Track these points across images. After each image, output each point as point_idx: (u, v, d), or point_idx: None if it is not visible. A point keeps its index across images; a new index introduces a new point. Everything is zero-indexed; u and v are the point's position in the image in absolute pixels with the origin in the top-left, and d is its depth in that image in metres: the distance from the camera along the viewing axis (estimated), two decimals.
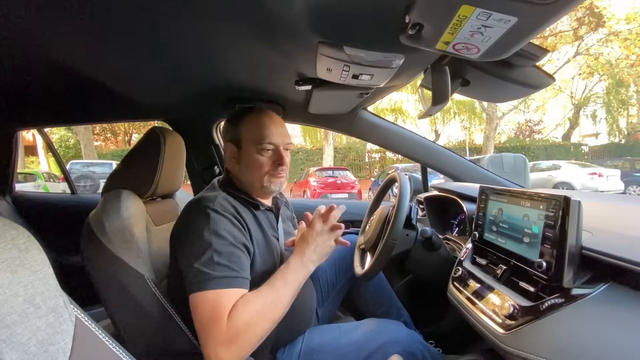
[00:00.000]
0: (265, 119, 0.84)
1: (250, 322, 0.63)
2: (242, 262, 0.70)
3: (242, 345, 0.62)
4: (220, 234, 0.69)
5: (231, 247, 0.70)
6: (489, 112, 12.94)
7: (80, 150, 11.22)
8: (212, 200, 0.75)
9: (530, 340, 0.54)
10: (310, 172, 9.76)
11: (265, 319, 0.66)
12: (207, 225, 0.70)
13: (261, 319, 0.65)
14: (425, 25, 0.52)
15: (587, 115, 17.18)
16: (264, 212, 0.87)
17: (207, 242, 0.68)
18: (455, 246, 1.09)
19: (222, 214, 0.73)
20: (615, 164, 10.32)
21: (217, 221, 0.71)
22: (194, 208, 0.76)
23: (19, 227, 0.45)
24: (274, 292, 0.68)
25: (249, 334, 0.63)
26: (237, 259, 0.70)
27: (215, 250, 0.67)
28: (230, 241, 0.70)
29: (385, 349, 0.79)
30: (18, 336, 0.40)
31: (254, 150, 0.82)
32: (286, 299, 0.70)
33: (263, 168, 0.83)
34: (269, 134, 0.82)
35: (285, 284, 0.70)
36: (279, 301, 0.68)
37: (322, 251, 0.77)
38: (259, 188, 0.84)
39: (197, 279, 0.66)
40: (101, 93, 1.06)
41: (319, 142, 15.25)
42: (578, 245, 0.55)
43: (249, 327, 0.63)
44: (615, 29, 10.21)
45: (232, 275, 0.67)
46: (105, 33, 0.67)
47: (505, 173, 1.38)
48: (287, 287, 0.70)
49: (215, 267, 0.66)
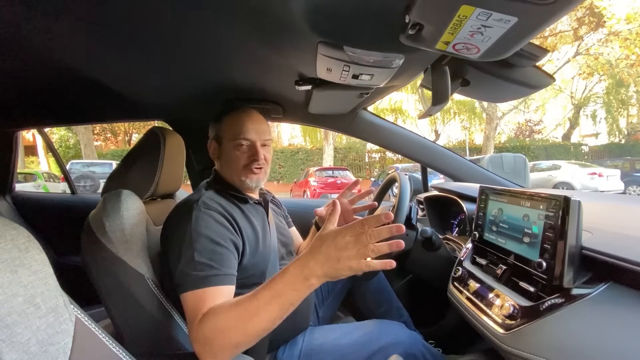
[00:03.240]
0: (243, 116, 0.87)
1: (219, 330, 0.58)
2: (224, 259, 0.69)
3: (215, 350, 0.57)
4: (201, 232, 0.70)
5: (212, 244, 0.70)
6: (489, 112, 12.94)
7: (80, 150, 11.23)
8: (196, 201, 0.76)
9: (530, 340, 0.54)
10: (310, 172, 9.77)
11: (238, 332, 0.57)
12: (189, 226, 0.71)
13: (231, 330, 0.57)
14: (425, 25, 0.52)
15: (587, 115, 17.18)
16: (252, 205, 0.89)
17: (189, 242, 0.69)
18: (455, 246, 1.09)
19: (205, 212, 0.74)
20: (615, 164, 10.31)
21: (198, 220, 0.72)
22: (178, 210, 0.78)
23: (19, 227, 0.45)
24: (253, 305, 0.57)
25: (218, 342, 0.57)
26: (219, 256, 0.69)
27: (196, 249, 0.68)
28: (212, 238, 0.70)
29: (386, 350, 0.79)
30: (18, 336, 0.40)
31: (231, 145, 0.86)
32: (269, 315, 0.56)
33: (239, 163, 0.85)
34: (244, 130, 0.85)
35: (272, 297, 0.56)
36: (258, 316, 0.56)
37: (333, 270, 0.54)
38: (239, 182, 0.87)
39: (181, 280, 0.66)
40: (101, 93, 1.06)
41: (319, 142, 15.26)
42: (578, 245, 0.55)
43: (217, 335, 0.57)
44: (615, 29, 10.19)
45: (212, 274, 0.66)
46: (105, 33, 0.67)
47: (505, 173, 1.38)
48: (273, 302, 0.56)
49: (196, 266, 0.66)
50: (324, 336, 0.87)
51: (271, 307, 0.56)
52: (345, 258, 0.53)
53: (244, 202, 0.87)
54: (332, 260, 0.53)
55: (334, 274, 0.54)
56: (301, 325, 0.89)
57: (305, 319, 0.91)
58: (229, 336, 0.57)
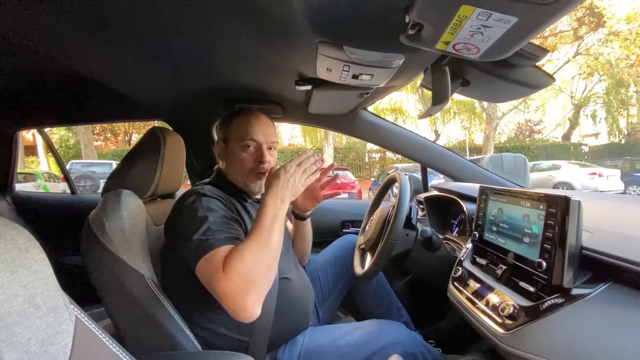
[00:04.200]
0: (251, 118, 0.89)
1: (242, 271, 0.63)
2: (237, 228, 0.75)
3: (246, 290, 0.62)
4: (213, 209, 0.74)
5: (225, 218, 0.75)
6: (489, 112, 12.94)
7: (80, 150, 11.23)
8: (201, 187, 0.81)
9: (530, 340, 0.54)
10: None
11: (256, 263, 0.64)
12: (200, 205, 0.75)
13: (252, 262, 0.64)
14: (425, 25, 0.52)
15: (587, 115, 17.18)
16: (252, 203, 0.91)
17: (203, 218, 0.72)
18: (455, 246, 1.09)
19: (211, 196, 0.78)
20: (615, 164, 10.31)
21: (208, 201, 0.76)
22: (183, 199, 0.80)
23: (19, 227, 0.45)
24: (257, 238, 0.67)
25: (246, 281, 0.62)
26: (233, 226, 0.75)
27: (211, 222, 0.71)
28: (223, 214, 0.75)
29: (386, 350, 0.79)
30: (18, 336, 0.40)
31: (238, 146, 0.87)
32: (272, 244, 0.68)
33: (245, 165, 0.87)
34: (252, 132, 0.87)
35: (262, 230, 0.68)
36: (267, 246, 0.67)
37: (294, 188, 0.72)
38: (243, 185, 0.89)
39: (199, 247, 0.68)
40: (101, 93, 1.06)
41: (319, 142, 15.25)
42: (578, 245, 0.55)
43: (243, 276, 0.63)
44: (615, 29, 10.19)
45: (230, 236, 0.70)
46: (105, 33, 0.67)
47: (505, 173, 1.38)
48: (269, 233, 0.68)
49: (214, 233, 0.70)
50: (323, 336, 0.87)
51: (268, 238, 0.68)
52: (295, 180, 0.72)
53: (245, 200, 0.88)
54: (290, 182, 0.72)
55: (293, 191, 0.72)
56: (301, 325, 0.89)
57: (305, 319, 0.91)
58: (251, 271, 0.63)
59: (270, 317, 0.80)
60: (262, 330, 0.79)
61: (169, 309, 0.80)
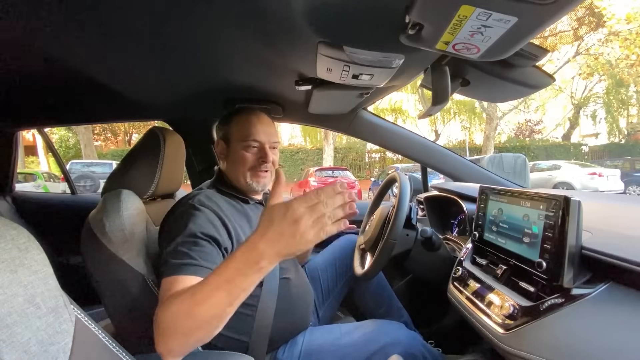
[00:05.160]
0: (252, 118, 0.88)
1: (171, 314, 0.55)
2: (205, 251, 0.68)
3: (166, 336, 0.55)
4: (188, 227, 0.71)
5: (196, 238, 0.70)
6: (489, 112, 12.94)
7: (80, 150, 11.23)
8: (192, 197, 0.79)
9: (530, 340, 0.54)
10: (310, 172, 9.77)
11: (186, 317, 0.54)
12: (181, 219, 0.73)
13: (180, 315, 0.54)
14: (425, 25, 0.52)
15: (587, 115, 17.19)
16: (254, 205, 0.90)
17: (175, 234, 0.70)
18: (455, 246, 1.09)
19: (198, 208, 0.75)
20: (615, 164, 10.31)
21: (190, 215, 0.73)
22: (174, 207, 0.80)
23: (19, 227, 0.45)
24: (203, 290, 0.54)
25: (169, 326, 0.55)
26: (200, 248, 0.68)
27: (179, 242, 0.69)
28: (196, 233, 0.70)
29: (386, 350, 0.79)
30: (18, 336, 0.40)
31: (240, 146, 0.86)
32: (217, 300, 0.52)
33: (247, 164, 0.86)
34: (254, 132, 0.86)
35: (221, 283, 0.53)
36: (206, 302, 0.53)
37: (288, 248, 0.50)
38: (244, 185, 0.87)
39: (162, 267, 0.67)
40: (101, 93, 1.06)
41: (319, 142, 15.25)
42: (578, 245, 0.55)
43: (168, 320, 0.55)
44: (615, 29, 10.19)
45: (186, 263, 0.65)
46: (105, 33, 0.67)
47: (505, 173, 1.38)
48: (222, 288, 0.52)
49: (175, 254, 0.67)
50: (323, 336, 0.87)
51: (219, 293, 0.52)
52: (302, 232, 0.48)
53: (245, 202, 0.87)
54: (286, 237, 0.49)
55: (289, 251, 0.50)
56: (301, 325, 0.89)
57: (305, 319, 0.91)
58: (179, 321, 0.54)
59: (270, 317, 0.80)
60: (262, 330, 0.79)
61: None
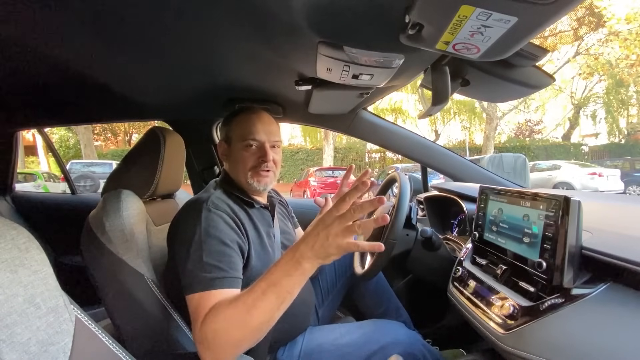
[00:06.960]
0: (252, 117, 0.87)
1: (220, 329, 0.58)
2: (232, 261, 0.69)
3: (216, 350, 0.58)
4: (211, 233, 0.69)
5: (222, 245, 0.69)
6: (489, 112, 12.93)
7: (80, 150, 11.23)
8: (206, 200, 0.75)
9: (530, 340, 0.54)
10: (310, 172, 9.77)
11: (237, 328, 0.57)
12: (199, 225, 0.70)
13: (231, 327, 0.58)
14: (425, 25, 0.52)
15: (587, 115, 17.17)
16: (259, 209, 0.88)
17: (198, 243, 0.68)
18: (455, 246, 1.09)
19: (215, 212, 0.73)
20: (615, 164, 10.31)
21: (208, 220, 0.71)
22: (187, 209, 0.77)
23: (19, 227, 0.45)
24: (251, 298, 0.58)
25: (219, 340, 0.58)
26: (228, 258, 0.68)
27: (205, 250, 0.67)
28: (221, 239, 0.69)
29: (386, 350, 0.79)
30: (18, 336, 0.40)
31: (240, 146, 0.85)
32: (267, 305, 0.56)
33: (247, 163, 0.84)
34: (254, 131, 0.84)
35: (268, 286, 0.57)
36: (256, 308, 0.56)
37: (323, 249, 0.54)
38: (246, 185, 0.86)
39: (189, 281, 0.66)
40: (101, 93, 1.06)
41: (319, 142, 15.24)
42: (578, 245, 0.55)
43: (218, 334, 0.58)
44: (615, 29, 10.20)
45: (220, 276, 0.65)
46: (106, 33, 0.67)
47: (505, 173, 1.38)
48: (270, 292, 0.56)
49: (204, 267, 0.65)
50: (323, 336, 0.87)
51: (268, 297, 0.56)
52: (333, 235, 0.53)
53: (250, 207, 0.85)
54: (321, 239, 0.54)
55: (324, 254, 0.54)
56: (301, 325, 0.89)
57: (305, 319, 0.91)
58: (230, 333, 0.57)
59: None
60: None
61: (169, 309, 0.80)
